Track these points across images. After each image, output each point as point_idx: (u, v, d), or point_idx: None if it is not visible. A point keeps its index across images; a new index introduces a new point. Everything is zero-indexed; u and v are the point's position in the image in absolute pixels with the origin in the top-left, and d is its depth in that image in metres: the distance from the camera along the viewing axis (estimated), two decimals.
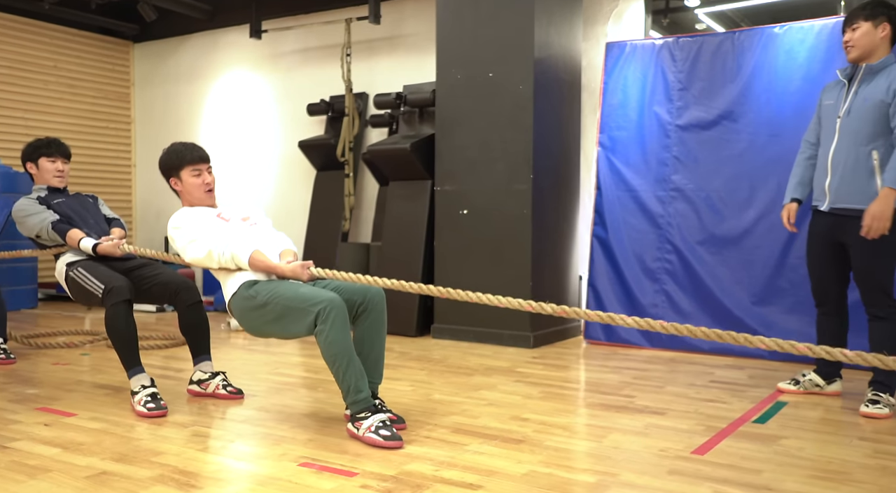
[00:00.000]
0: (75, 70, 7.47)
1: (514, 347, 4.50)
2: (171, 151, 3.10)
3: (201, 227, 2.91)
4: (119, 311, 3.00)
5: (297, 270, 2.71)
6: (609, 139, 4.77)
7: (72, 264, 3.24)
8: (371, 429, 2.49)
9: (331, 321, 2.53)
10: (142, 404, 2.89)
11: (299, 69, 6.79)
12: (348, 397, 2.56)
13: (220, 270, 2.86)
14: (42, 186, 3.63)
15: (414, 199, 5.13)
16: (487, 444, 2.50)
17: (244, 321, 2.78)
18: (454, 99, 4.80)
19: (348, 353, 2.55)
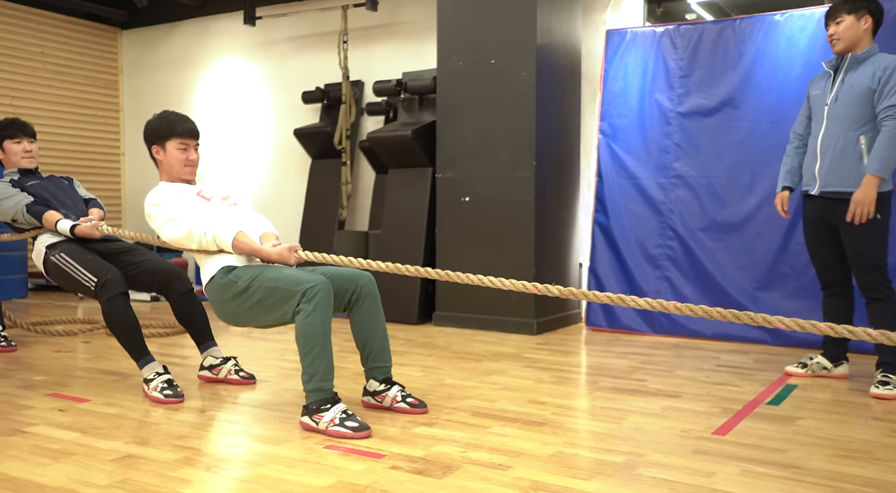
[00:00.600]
0: (63, 56, 7.35)
1: (517, 334, 4.51)
2: (161, 118, 2.94)
3: (181, 204, 2.77)
4: (117, 305, 2.94)
5: (284, 253, 2.59)
6: (610, 127, 4.78)
7: (52, 247, 3.16)
8: (335, 422, 2.37)
9: (315, 302, 2.41)
10: (158, 391, 2.85)
11: (293, 57, 6.72)
12: (311, 383, 2.42)
13: (199, 251, 2.72)
14: (13, 169, 3.54)
15: (414, 186, 5.11)
16: (509, 426, 2.51)
17: (220, 308, 2.65)
18: (455, 86, 4.78)
19: (325, 338, 2.44)
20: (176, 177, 2.95)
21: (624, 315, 4.61)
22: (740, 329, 4.23)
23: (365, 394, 2.74)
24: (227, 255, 2.69)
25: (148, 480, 1.98)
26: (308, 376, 2.44)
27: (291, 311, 2.47)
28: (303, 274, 2.55)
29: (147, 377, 2.92)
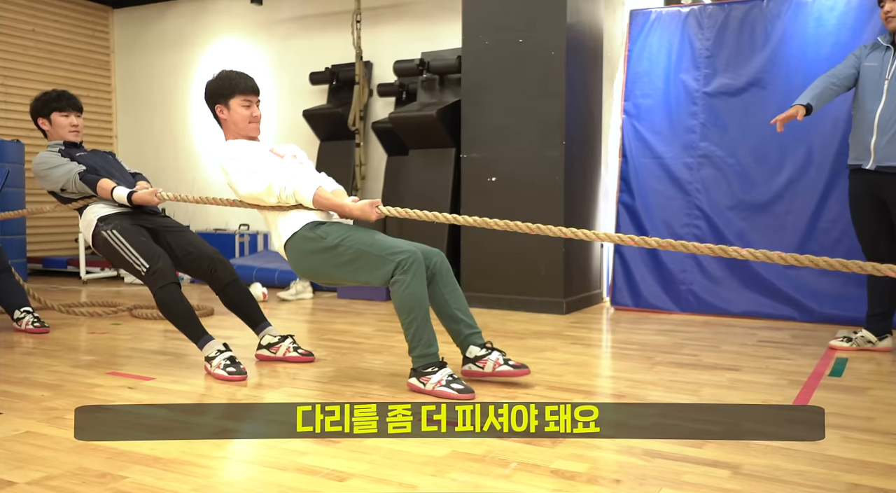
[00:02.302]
0: (54, 35, 7.13)
1: (546, 313, 4.53)
2: (222, 77, 2.92)
3: (258, 159, 2.78)
4: (170, 294, 2.91)
5: (366, 208, 2.62)
6: (634, 107, 4.80)
7: (104, 219, 3.08)
8: (442, 383, 2.47)
9: (412, 272, 2.50)
10: (221, 368, 2.80)
11: (298, 37, 6.62)
12: (417, 350, 2.53)
13: (273, 208, 2.74)
14: (58, 141, 3.45)
15: (437, 167, 5.09)
16: (591, 399, 2.52)
17: (303, 262, 2.68)
18: (481, 65, 4.75)
19: (425, 307, 2.53)
20: (242, 134, 2.93)
21: (650, 294, 4.66)
22: (768, 307, 4.30)
23: (465, 363, 2.72)
24: (306, 211, 2.69)
25: (260, 452, 1.95)
26: (414, 343, 2.52)
27: (381, 278, 2.54)
28: (394, 241, 2.58)
29: (209, 355, 2.87)
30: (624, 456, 1.93)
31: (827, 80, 3.36)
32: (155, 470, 1.81)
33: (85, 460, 1.86)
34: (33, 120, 3.49)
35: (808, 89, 3.39)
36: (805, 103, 3.31)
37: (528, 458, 1.92)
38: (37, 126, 3.49)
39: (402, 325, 2.54)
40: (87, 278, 6.18)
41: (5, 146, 5.91)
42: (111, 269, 6.39)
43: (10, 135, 6.55)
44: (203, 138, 7.17)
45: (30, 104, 3.51)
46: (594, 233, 2.66)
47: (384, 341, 3.61)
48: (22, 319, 3.80)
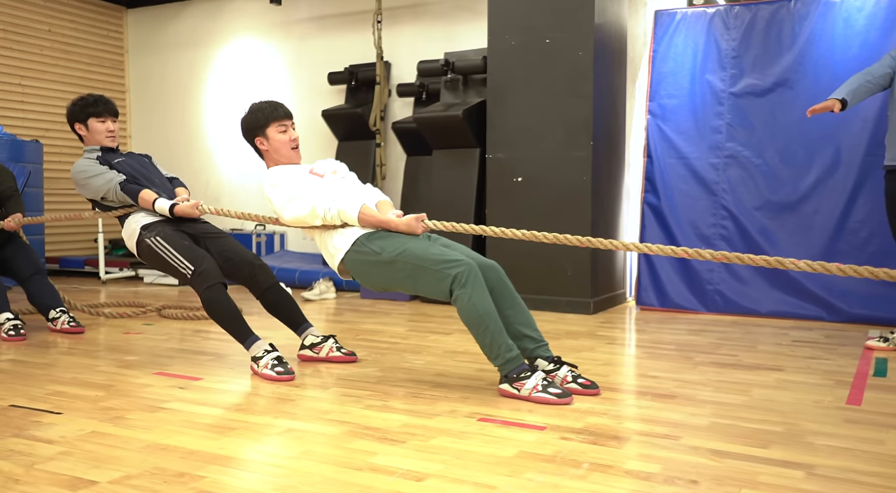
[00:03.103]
0: (70, 35, 7.11)
1: (573, 313, 4.54)
2: (254, 111, 2.98)
3: (299, 183, 2.80)
4: (216, 294, 2.92)
5: (412, 223, 2.64)
6: (659, 107, 4.81)
7: (147, 228, 3.08)
8: (538, 388, 2.44)
9: (471, 285, 2.49)
10: (269, 368, 2.80)
11: (315, 37, 6.62)
12: (500, 358, 2.50)
13: (320, 228, 2.75)
14: (94, 147, 3.43)
15: (462, 167, 5.09)
16: (643, 399, 2.53)
17: (366, 277, 2.69)
18: (507, 65, 4.75)
19: (494, 314, 2.51)
20: (284, 161, 2.96)
21: (676, 294, 4.67)
22: (797, 307, 4.32)
23: None
24: (351, 228, 2.69)
25: (330, 451, 1.95)
26: (494, 352, 2.50)
27: (442, 293, 2.55)
28: (445, 253, 2.56)
29: (256, 355, 2.87)
30: (692, 456, 1.94)
31: (862, 77, 3.37)
32: (232, 470, 1.81)
33: (159, 460, 1.86)
34: (70, 124, 3.47)
35: (843, 85, 3.40)
36: (840, 98, 3.33)
37: (599, 458, 1.92)
38: (73, 131, 3.47)
39: (475, 337, 2.52)
40: (107, 278, 6.17)
41: (25, 146, 5.90)
42: (129, 269, 6.38)
43: (29, 135, 6.53)
44: (217, 140, 7.17)
45: (66, 109, 3.49)
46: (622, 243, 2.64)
47: (420, 341, 3.62)
48: (57, 319, 3.80)
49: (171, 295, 5.41)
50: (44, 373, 2.85)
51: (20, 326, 3.63)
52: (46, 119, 6.90)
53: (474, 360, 3.15)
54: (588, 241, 2.62)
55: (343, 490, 1.70)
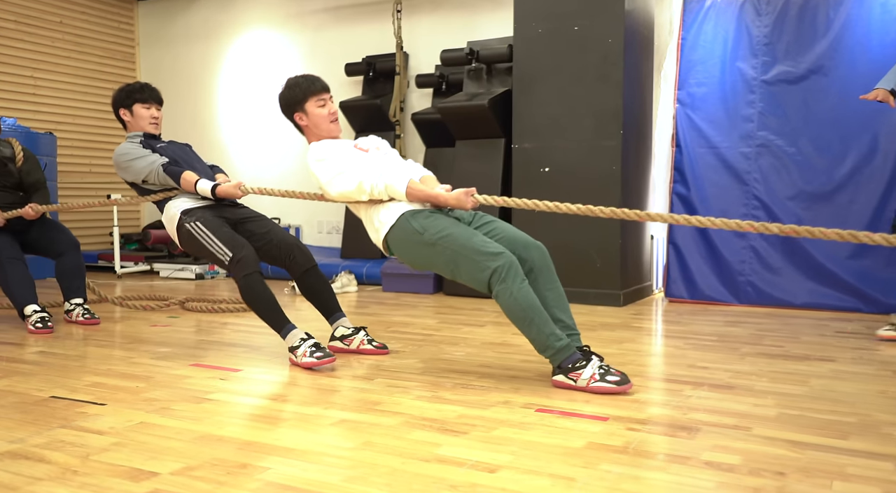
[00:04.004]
0: (81, 27, 7.03)
1: (603, 305, 4.45)
2: (291, 86, 2.90)
3: (345, 158, 2.74)
4: (253, 282, 2.84)
5: (462, 197, 2.57)
6: (688, 96, 4.72)
7: (188, 212, 3.02)
8: (595, 378, 2.36)
9: (510, 279, 2.42)
10: (308, 355, 2.72)
11: (330, 28, 6.53)
12: (549, 349, 2.43)
13: (365, 203, 2.69)
14: (136, 133, 3.37)
15: (486, 158, 5.00)
16: (700, 390, 2.44)
17: (407, 254, 2.63)
18: (534, 54, 4.67)
19: (537, 305, 2.44)
20: (325, 135, 2.88)
21: (706, 286, 4.58)
22: (833, 299, 4.23)
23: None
24: (398, 203, 2.63)
25: (391, 442, 1.87)
26: (542, 343, 2.43)
27: (479, 284, 2.48)
28: (486, 244, 2.48)
29: (293, 345, 2.79)
30: (770, 448, 1.85)
31: None
32: (294, 461, 1.73)
33: (217, 451, 1.78)
34: (114, 110, 3.43)
35: (891, 73, 3.32)
36: (890, 88, 3.25)
37: (672, 449, 1.84)
38: (117, 117, 3.43)
39: (522, 331, 2.45)
40: (122, 272, 6.08)
41: (39, 139, 5.82)
42: (144, 263, 6.30)
43: (42, 128, 6.44)
44: (230, 133, 7.08)
45: (112, 94, 3.46)
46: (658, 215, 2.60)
47: (454, 332, 3.54)
48: (72, 311, 3.75)
49: (189, 289, 5.33)
50: (78, 365, 2.77)
51: (47, 318, 3.56)
52: (59, 112, 6.81)
53: (516, 351, 3.07)
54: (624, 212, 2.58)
55: (415, 482, 1.61)
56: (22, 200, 3.83)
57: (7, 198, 3.79)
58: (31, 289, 3.65)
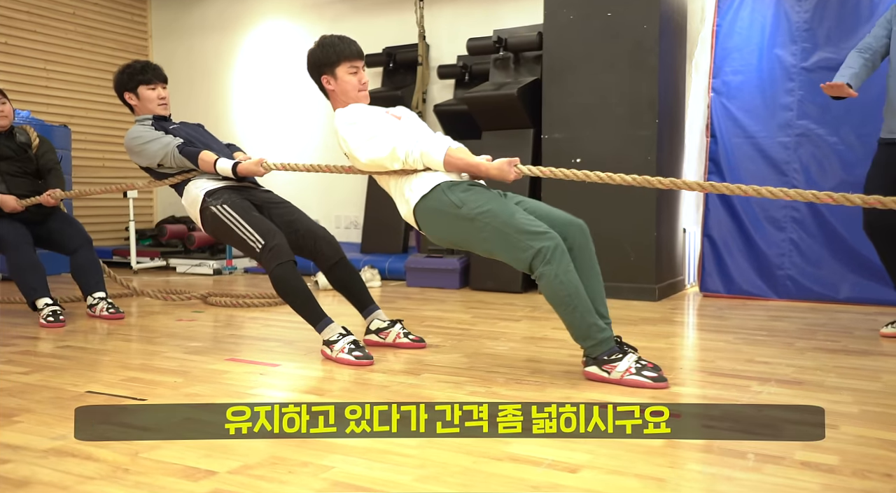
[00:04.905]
0: (93, 18, 6.91)
1: (638, 300, 4.31)
2: (325, 45, 2.72)
3: (378, 123, 2.57)
4: (287, 272, 2.69)
5: (504, 167, 2.43)
6: (723, 84, 4.58)
7: (212, 194, 2.85)
8: (631, 371, 2.25)
9: (556, 261, 2.29)
10: (346, 352, 2.59)
11: (349, 19, 6.39)
12: (590, 339, 2.30)
13: (396, 173, 2.53)
14: (146, 116, 3.23)
15: (515, 149, 4.85)
16: (768, 385, 2.31)
17: (438, 227, 2.47)
18: (565, 41, 4.53)
19: (581, 290, 2.32)
20: (351, 104, 2.71)
21: (744, 280, 4.44)
22: (879, 293, 4.08)
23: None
24: (435, 172, 2.47)
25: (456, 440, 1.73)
26: (582, 332, 2.30)
27: (519, 263, 2.35)
28: (532, 224, 2.34)
29: (329, 339, 2.66)
30: (865, 447, 1.72)
31: (859, 56, 3.15)
32: (358, 459, 1.60)
33: (273, 448, 1.65)
34: (118, 94, 3.27)
35: (844, 67, 3.17)
36: (847, 82, 3.10)
37: (760, 449, 1.71)
38: (122, 101, 3.28)
39: (562, 316, 2.32)
40: (138, 267, 5.97)
41: (53, 131, 5.69)
42: (160, 259, 6.18)
43: (56, 121, 6.33)
44: (244, 127, 6.95)
45: (113, 77, 3.29)
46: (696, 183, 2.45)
47: (491, 327, 3.41)
48: (95, 305, 3.64)
49: (207, 284, 5.21)
50: (110, 359, 2.65)
51: (59, 312, 3.44)
52: (72, 105, 6.70)
53: (561, 345, 2.93)
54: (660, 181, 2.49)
55: (491, 482, 1.49)
56: (41, 188, 3.73)
57: (27, 185, 3.70)
58: (42, 278, 3.54)
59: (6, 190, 3.62)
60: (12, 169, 3.68)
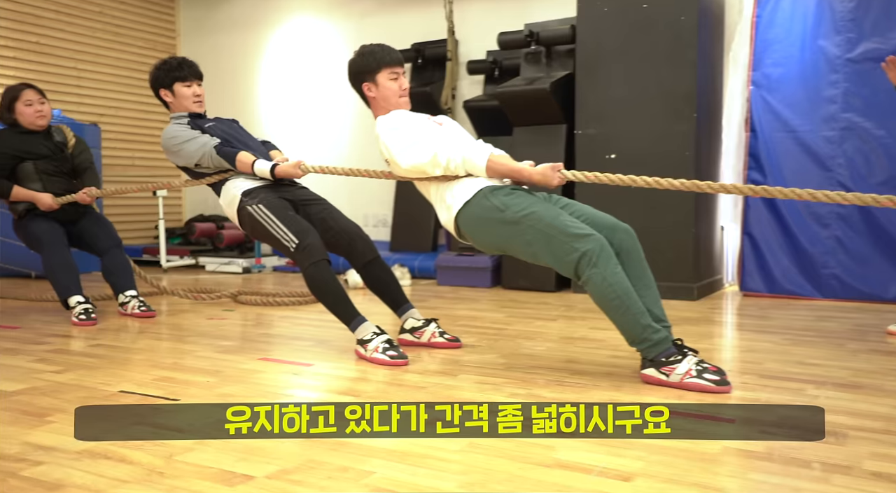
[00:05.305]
0: (121, 17, 6.92)
1: (676, 299, 4.18)
2: (365, 54, 2.71)
3: (420, 129, 2.55)
4: (321, 271, 2.65)
5: (548, 172, 2.37)
6: (764, 77, 4.44)
7: (248, 194, 2.82)
8: (692, 374, 2.15)
9: (602, 263, 2.21)
10: (380, 352, 2.53)
11: (377, 15, 6.34)
12: (646, 342, 2.21)
13: (437, 179, 2.50)
14: (181, 113, 3.20)
15: (547, 145, 4.77)
16: (824, 389, 2.20)
17: (481, 233, 2.43)
18: (599, 34, 4.43)
19: (631, 291, 2.24)
20: (393, 110, 2.67)
21: (786, 279, 4.30)
22: None
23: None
24: (476, 178, 2.44)
25: (499, 445, 1.65)
26: (636, 334, 2.21)
27: (565, 267, 2.29)
28: (577, 226, 2.28)
29: (363, 338, 2.60)
30: None
31: None
32: (398, 464, 1.53)
33: (310, 451, 1.59)
34: (154, 91, 3.25)
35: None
36: None
37: (825, 457, 1.61)
38: (158, 98, 3.26)
39: (614, 320, 2.24)
40: (168, 266, 5.97)
41: (83, 130, 5.70)
42: (190, 257, 6.17)
43: (86, 119, 6.35)
44: (271, 123, 6.92)
45: (150, 74, 3.27)
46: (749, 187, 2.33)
47: (526, 327, 3.32)
48: (127, 303, 3.63)
49: (236, 283, 5.18)
50: (142, 358, 2.61)
51: (91, 310, 3.42)
52: (101, 104, 6.72)
53: (601, 345, 2.84)
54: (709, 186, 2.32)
55: (540, 490, 1.40)
56: (76, 187, 3.74)
57: (63, 184, 3.71)
58: (74, 277, 3.55)
59: (42, 188, 3.64)
60: (49, 168, 3.69)
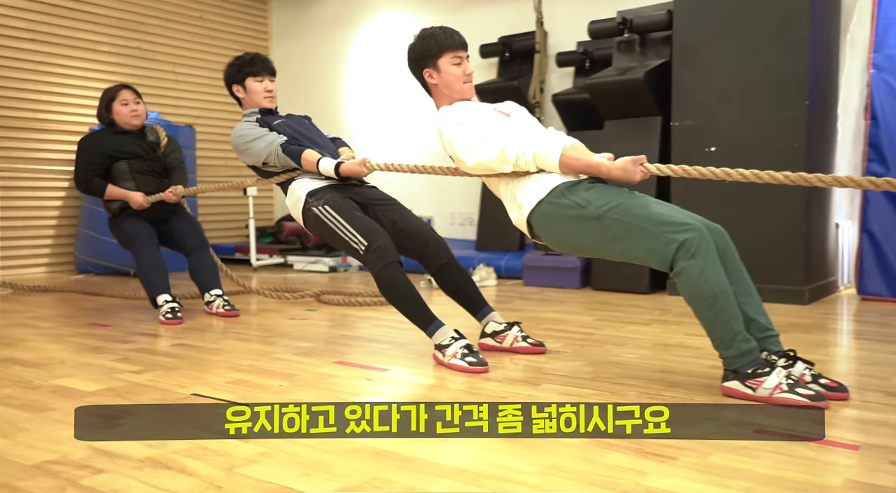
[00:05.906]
0: (218, 21, 7.10)
1: (783, 304, 3.85)
2: (426, 37, 2.56)
3: (486, 122, 2.37)
4: (393, 274, 2.54)
5: (629, 166, 2.15)
6: (886, 59, 4.03)
7: (314, 194, 2.74)
8: (782, 388, 1.92)
9: (702, 255, 1.99)
10: (459, 358, 2.40)
11: (464, 9, 6.22)
12: (734, 349, 2.00)
13: (507, 176, 2.33)
14: (252, 109, 3.17)
15: (640, 139, 4.51)
16: None
17: (559, 232, 2.24)
18: (698, 17, 4.14)
19: (729, 292, 2.02)
20: (456, 97, 2.53)
21: None
22: None
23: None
24: (547, 174, 2.25)
25: (584, 468, 1.51)
26: (726, 340, 2.00)
27: (661, 260, 2.06)
28: (672, 213, 2.07)
29: (441, 343, 2.48)
30: None
31: None
32: (469, 486, 1.41)
33: (376, 468, 1.48)
34: (227, 87, 3.26)
35: None
36: None
37: None
38: (231, 94, 3.26)
39: (704, 320, 2.03)
40: (258, 264, 6.06)
41: (180, 132, 5.87)
42: (279, 256, 6.26)
43: (182, 121, 6.55)
44: (358, 124, 6.93)
45: (223, 71, 3.29)
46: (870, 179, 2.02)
47: (617, 331, 3.11)
48: (212, 302, 3.67)
49: (322, 281, 5.19)
50: (220, 359, 2.59)
51: (177, 309, 3.47)
52: (197, 106, 6.91)
53: (698, 354, 2.61)
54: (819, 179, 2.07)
55: None
56: (167, 186, 3.81)
57: (154, 183, 3.79)
58: (163, 276, 3.60)
59: (135, 187, 3.73)
60: (142, 167, 3.79)
